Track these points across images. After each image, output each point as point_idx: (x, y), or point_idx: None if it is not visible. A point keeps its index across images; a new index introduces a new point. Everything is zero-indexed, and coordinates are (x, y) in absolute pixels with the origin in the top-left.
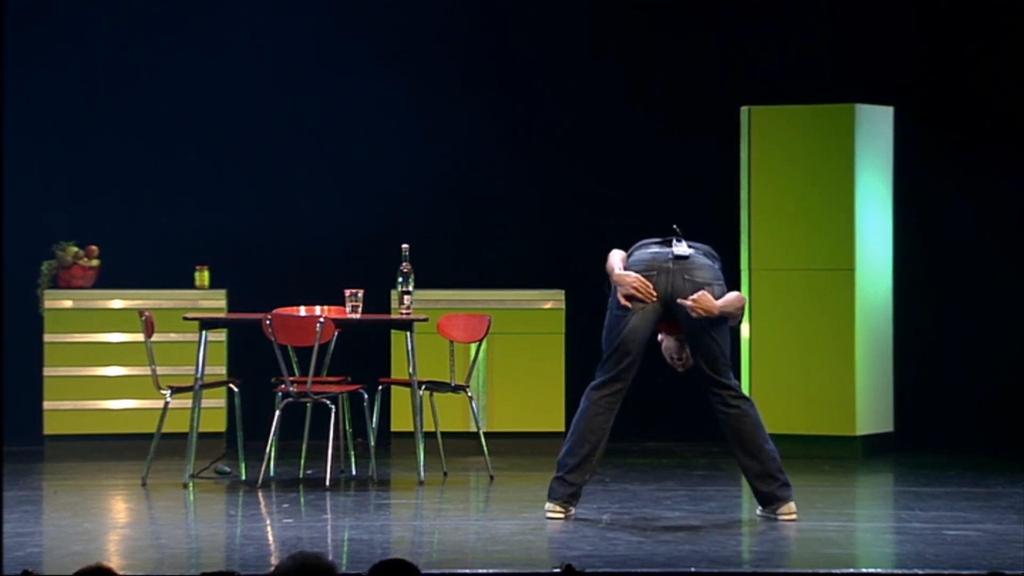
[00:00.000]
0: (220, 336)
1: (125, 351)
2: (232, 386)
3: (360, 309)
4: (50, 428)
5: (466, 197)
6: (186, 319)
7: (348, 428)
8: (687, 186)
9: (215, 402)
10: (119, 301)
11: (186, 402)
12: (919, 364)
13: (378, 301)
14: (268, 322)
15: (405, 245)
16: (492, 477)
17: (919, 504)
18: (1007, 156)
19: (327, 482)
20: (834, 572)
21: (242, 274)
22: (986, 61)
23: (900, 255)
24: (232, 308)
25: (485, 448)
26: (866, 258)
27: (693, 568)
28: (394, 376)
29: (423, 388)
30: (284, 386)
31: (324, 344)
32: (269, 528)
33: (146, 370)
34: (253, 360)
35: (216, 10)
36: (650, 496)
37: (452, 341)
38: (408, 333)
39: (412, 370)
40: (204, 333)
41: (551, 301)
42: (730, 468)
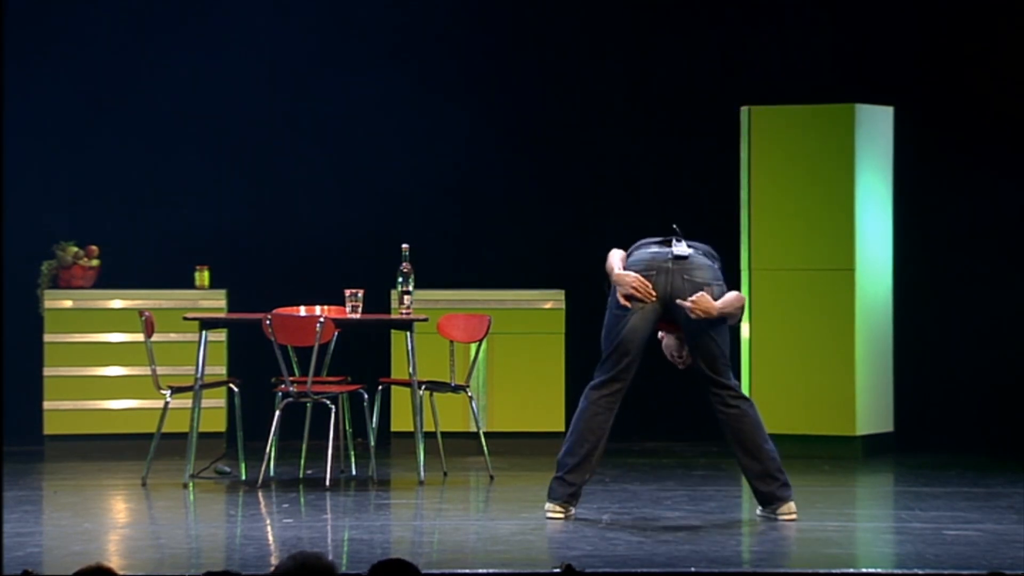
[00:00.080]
0: (220, 336)
1: (125, 351)
2: (232, 386)
3: (360, 309)
4: (50, 428)
5: (466, 197)
6: (186, 319)
7: (348, 428)
8: (687, 186)
9: (215, 402)
10: (119, 301)
11: (186, 402)
12: (919, 364)
13: (378, 301)
14: (268, 322)
15: (405, 245)
16: (492, 477)
17: (919, 504)
18: (1007, 156)
19: (327, 482)
20: (834, 572)
21: (242, 274)
22: (986, 61)
23: (900, 255)
24: (232, 308)
25: (485, 448)
26: (866, 258)
27: (693, 568)
28: (394, 376)
29: (423, 388)
30: (284, 386)
31: (324, 344)
32: (269, 528)
33: (146, 370)
34: (253, 360)
35: (216, 10)
36: (650, 496)
37: (452, 341)
38: (408, 333)
39: (412, 370)
40: (204, 333)
41: (551, 301)
42: (730, 468)
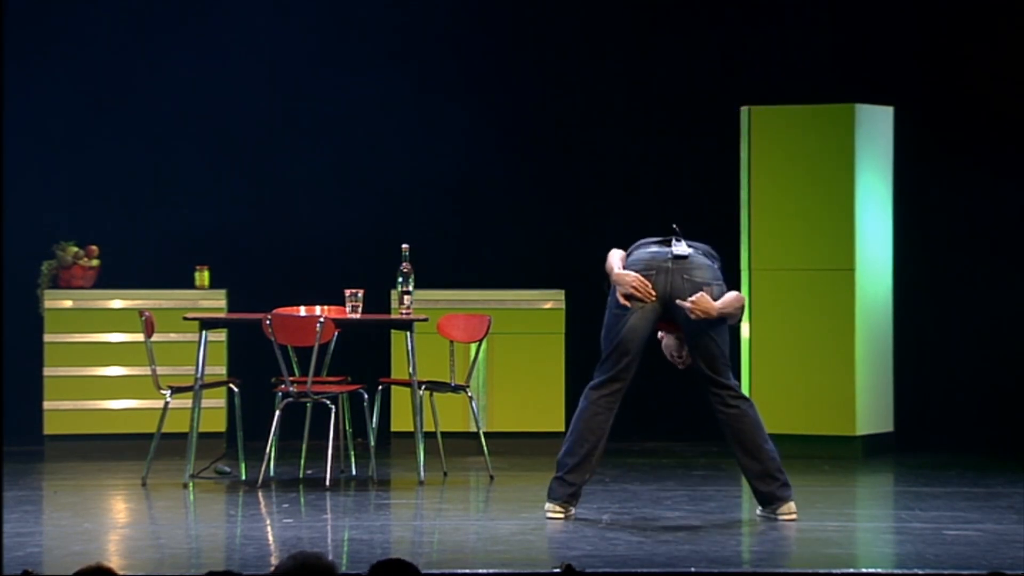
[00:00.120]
0: (220, 336)
1: (125, 351)
2: (232, 386)
3: (360, 309)
4: (50, 428)
5: (466, 197)
6: (186, 319)
7: (348, 428)
8: (687, 186)
9: (215, 402)
10: (119, 301)
11: (186, 402)
12: (919, 364)
13: (378, 301)
14: (268, 322)
15: (405, 245)
16: (492, 477)
17: (919, 504)
18: (1007, 156)
19: (327, 482)
20: (834, 572)
21: (242, 274)
22: (986, 61)
23: (900, 255)
24: (232, 308)
25: (485, 448)
26: (866, 258)
27: (693, 568)
28: (394, 376)
29: (423, 388)
30: (284, 386)
31: (324, 344)
32: (269, 528)
33: (146, 370)
34: (253, 360)
35: (216, 10)
36: (650, 496)
37: (452, 341)
38: (408, 333)
39: (412, 370)
40: (204, 333)
41: (551, 301)
42: (730, 468)
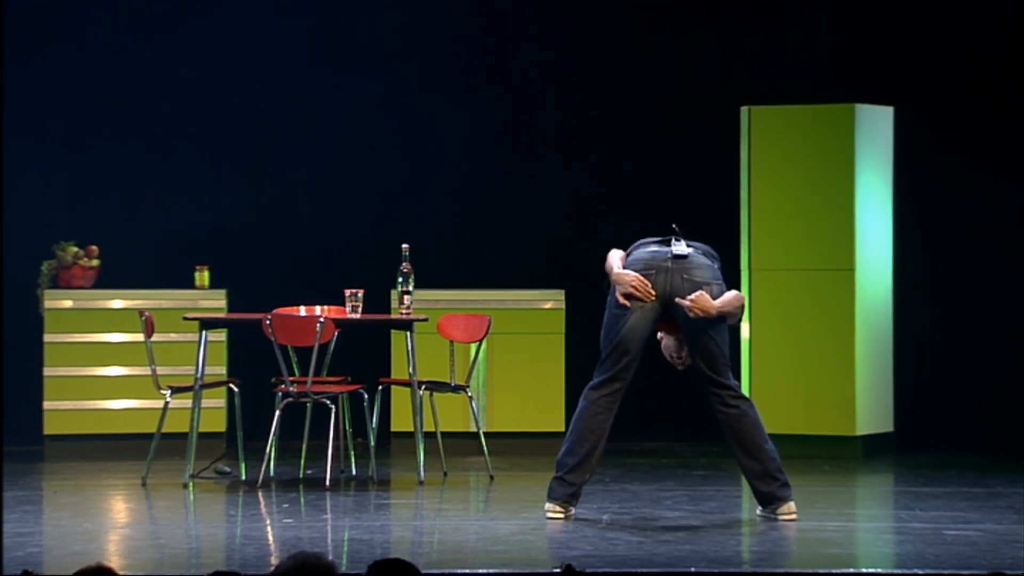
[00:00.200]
0: (220, 336)
1: (125, 351)
2: (232, 386)
3: (360, 309)
4: (50, 428)
5: (466, 197)
6: (186, 319)
7: (348, 428)
8: (687, 186)
9: (215, 402)
10: (119, 301)
11: (186, 402)
12: (919, 364)
13: (378, 301)
14: (268, 322)
15: (405, 245)
16: (492, 477)
17: (919, 504)
18: (1007, 156)
19: (327, 482)
20: (834, 572)
21: (242, 274)
22: (986, 61)
23: (900, 255)
24: (232, 308)
25: (485, 448)
26: (866, 258)
27: (693, 568)
28: (394, 376)
29: (423, 388)
30: (284, 386)
31: (324, 344)
32: (269, 528)
33: (146, 370)
34: (253, 360)
35: (216, 10)
36: (650, 496)
37: (452, 341)
38: (408, 333)
39: (412, 370)
40: (204, 333)
41: (551, 301)
42: (730, 468)
